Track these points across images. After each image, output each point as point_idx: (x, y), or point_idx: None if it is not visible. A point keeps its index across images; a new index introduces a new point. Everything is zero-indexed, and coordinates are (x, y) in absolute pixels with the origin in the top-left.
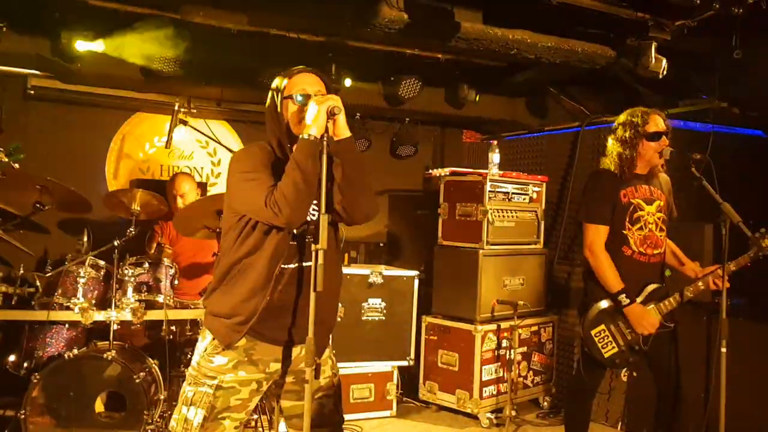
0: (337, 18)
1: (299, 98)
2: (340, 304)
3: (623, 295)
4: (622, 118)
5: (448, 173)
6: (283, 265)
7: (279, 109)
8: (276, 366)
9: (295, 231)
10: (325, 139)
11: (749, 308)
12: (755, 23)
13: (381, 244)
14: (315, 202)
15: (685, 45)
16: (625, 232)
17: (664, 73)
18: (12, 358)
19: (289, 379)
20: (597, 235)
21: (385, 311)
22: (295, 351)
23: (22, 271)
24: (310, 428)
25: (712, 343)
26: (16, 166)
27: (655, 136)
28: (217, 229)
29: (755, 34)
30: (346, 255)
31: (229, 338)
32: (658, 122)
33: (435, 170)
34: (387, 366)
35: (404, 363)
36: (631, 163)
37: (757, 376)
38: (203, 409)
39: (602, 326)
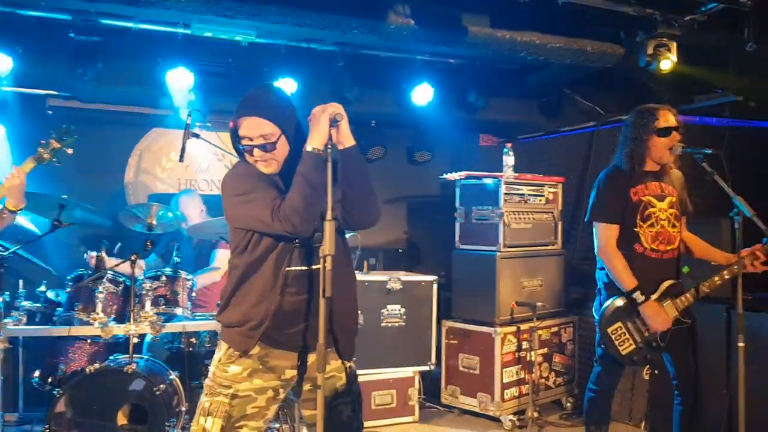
0: (345, 26)
1: (243, 149)
2: (360, 312)
3: (638, 293)
4: (632, 115)
5: (463, 177)
6: (288, 268)
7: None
8: (292, 373)
9: None
10: (329, 147)
11: None
12: (767, 14)
13: (400, 251)
14: None
15: (696, 40)
16: (636, 229)
17: (668, 70)
18: (36, 373)
19: (306, 386)
20: (608, 234)
21: (404, 317)
22: (311, 357)
23: (44, 288)
24: None
25: (732, 337)
26: (70, 151)
27: (666, 132)
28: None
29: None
30: (365, 262)
31: (244, 345)
32: (668, 118)
33: (450, 174)
34: (408, 371)
35: (425, 368)
36: (641, 160)
37: None
38: (220, 418)
39: (619, 323)
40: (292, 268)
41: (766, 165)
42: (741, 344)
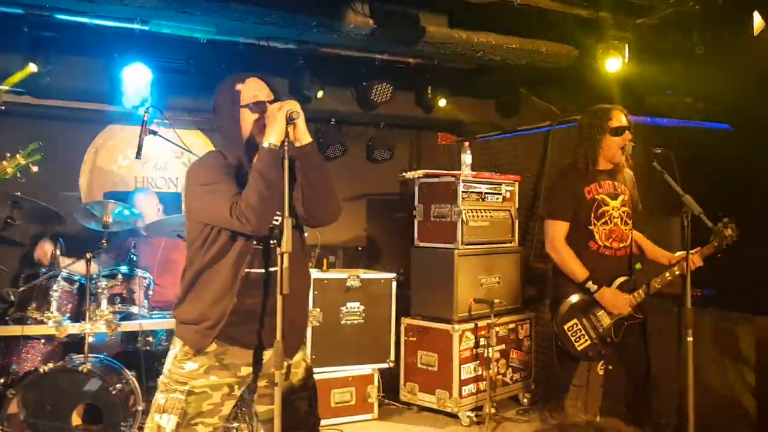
0: (304, 25)
1: (255, 107)
2: (318, 309)
3: (590, 282)
4: (584, 115)
5: (421, 175)
6: (248, 270)
7: (234, 117)
8: (247, 370)
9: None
10: (286, 144)
11: (721, 298)
12: (714, 19)
13: (360, 248)
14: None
15: (648, 42)
16: (590, 227)
17: (617, 71)
18: None
19: (261, 383)
20: (557, 230)
21: (363, 314)
22: (266, 355)
23: None
24: (287, 431)
25: (682, 332)
26: (35, 169)
27: (618, 131)
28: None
29: (715, 29)
30: (325, 260)
31: (199, 343)
32: (620, 117)
33: (409, 173)
34: (367, 369)
35: (384, 365)
36: (595, 159)
37: (730, 363)
38: (175, 415)
39: (575, 320)
40: (252, 270)
41: (714, 165)
42: (690, 339)
